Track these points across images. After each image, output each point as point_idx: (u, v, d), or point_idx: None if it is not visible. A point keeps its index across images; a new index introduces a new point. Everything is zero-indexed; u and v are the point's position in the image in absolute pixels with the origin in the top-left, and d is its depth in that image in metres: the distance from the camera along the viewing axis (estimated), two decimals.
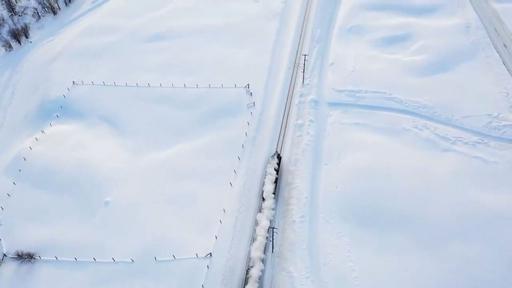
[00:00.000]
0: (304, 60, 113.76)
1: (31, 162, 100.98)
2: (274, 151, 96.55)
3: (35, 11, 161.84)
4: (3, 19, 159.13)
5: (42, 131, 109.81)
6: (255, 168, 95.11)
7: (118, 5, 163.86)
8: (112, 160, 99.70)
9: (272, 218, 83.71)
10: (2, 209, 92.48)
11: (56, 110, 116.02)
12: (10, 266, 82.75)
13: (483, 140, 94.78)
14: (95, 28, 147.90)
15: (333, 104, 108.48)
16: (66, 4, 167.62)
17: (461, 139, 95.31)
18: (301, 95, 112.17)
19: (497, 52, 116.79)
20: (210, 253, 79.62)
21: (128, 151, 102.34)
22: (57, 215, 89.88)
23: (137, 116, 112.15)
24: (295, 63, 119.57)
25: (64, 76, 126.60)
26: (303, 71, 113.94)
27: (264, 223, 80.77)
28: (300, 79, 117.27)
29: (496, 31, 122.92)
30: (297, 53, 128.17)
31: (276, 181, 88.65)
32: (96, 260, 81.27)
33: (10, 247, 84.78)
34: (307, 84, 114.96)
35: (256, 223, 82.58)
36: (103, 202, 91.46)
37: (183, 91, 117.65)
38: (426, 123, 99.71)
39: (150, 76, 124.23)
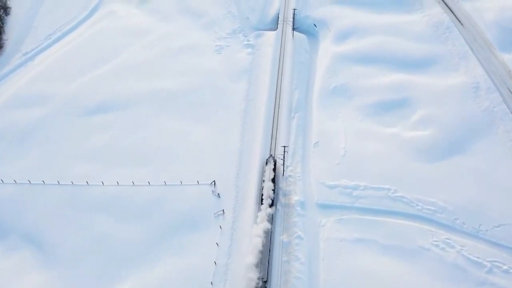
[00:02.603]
0: (284, 151, 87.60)
1: None
2: None
3: None
4: None
5: None
6: None
7: (53, 59, 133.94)
8: None
9: None
10: None
11: None
12: None
13: None
14: (22, 97, 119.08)
15: (325, 207, 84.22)
16: None
17: (497, 263, 71.65)
18: (283, 195, 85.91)
19: None
20: None
21: None
22: None
23: (72, 234, 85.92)
24: (270, 156, 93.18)
25: None
26: (283, 163, 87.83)
27: None
28: (279, 169, 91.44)
29: (511, 93, 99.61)
30: (272, 127, 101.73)
31: None
32: None
33: None
34: (289, 176, 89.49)
35: None
36: None
37: (131, 192, 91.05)
38: (448, 238, 76.16)
39: (89, 168, 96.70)
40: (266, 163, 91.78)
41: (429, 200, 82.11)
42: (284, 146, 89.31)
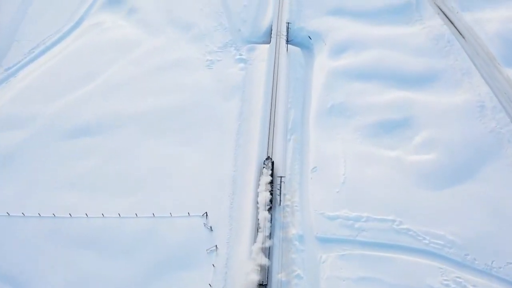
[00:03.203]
0: (280, 181, 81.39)
1: None
2: None
3: None
4: None
5: None
6: None
7: (37, 75, 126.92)
8: None
9: None
10: None
11: None
12: None
13: None
14: (3, 119, 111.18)
15: (325, 241, 78.27)
16: None
17: None
18: (280, 227, 79.64)
19: None
20: None
21: None
22: None
23: (54, 273, 79.29)
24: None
25: None
26: (279, 193, 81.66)
27: None
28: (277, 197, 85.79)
29: None
30: (268, 151, 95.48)
31: None
32: None
33: None
34: (286, 206, 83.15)
35: None
36: None
37: (117, 224, 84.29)
38: (459, 276, 70.76)
39: (72, 198, 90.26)
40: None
41: (437, 233, 76.27)
42: (281, 177, 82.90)
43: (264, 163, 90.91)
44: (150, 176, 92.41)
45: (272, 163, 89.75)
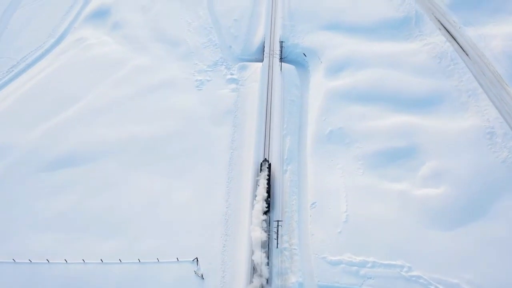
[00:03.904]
0: (278, 225, 73.76)
1: None
2: None
3: None
4: None
5: None
6: None
7: (14, 99, 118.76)
8: None
9: None
10: None
11: None
12: None
13: None
14: None
15: None
16: None
17: None
18: (278, 274, 72.06)
19: None
20: None
21: None
22: None
23: None
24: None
25: None
26: (277, 237, 74.03)
27: None
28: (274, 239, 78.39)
29: None
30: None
31: None
32: None
33: None
34: (284, 249, 75.43)
35: None
36: None
37: (100, 271, 76.73)
38: None
39: (50, 240, 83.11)
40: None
41: (450, 281, 69.60)
42: (278, 221, 75.23)
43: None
44: (135, 214, 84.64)
45: (269, 204, 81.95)
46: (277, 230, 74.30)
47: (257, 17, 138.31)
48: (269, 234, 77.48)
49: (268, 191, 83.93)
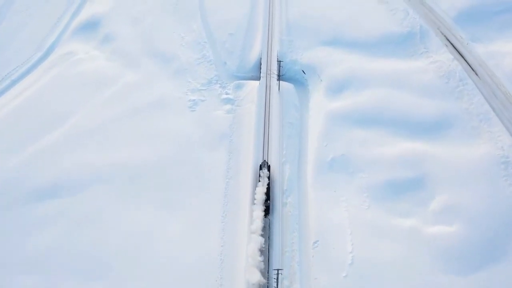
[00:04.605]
0: (278, 273, 66.59)
1: None
2: None
3: None
4: None
5: None
6: None
7: None
8: None
9: None
10: None
11: None
12: None
13: None
14: None
15: None
16: None
17: None
18: None
19: None
20: None
21: None
22: None
23: None
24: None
25: None
26: (277, 286, 66.88)
27: None
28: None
29: None
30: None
31: None
32: None
33: None
34: None
35: None
36: None
37: None
38: None
39: (27, 285, 73.42)
40: None
41: None
42: (278, 269, 67.92)
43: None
44: (121, 254, 78.06)
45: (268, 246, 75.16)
46: (277, 279, 66.88)
47: (254, 31, 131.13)
48: (268, 277, 70.33)
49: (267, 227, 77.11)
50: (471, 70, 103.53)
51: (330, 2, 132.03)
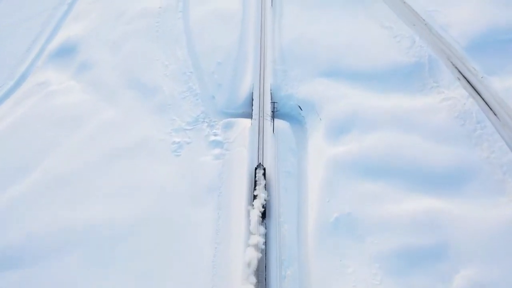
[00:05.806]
0: None
1: None
2: None
3: None
4: None
5: None
6: None
7: None
8: None
9: None
10: None
11: None
12: None
13: None
14: None
15: None
16: None
17: None
18: None
19: None
20: None
21: None
22: None
23: None
24: None
25: None
26: None
27: None
28: None
29: None
30: None
31: None
32: None
33: None
34: None
35: None
36: None
37: None
38: None
39: None
40: None
41: None
42: None
43: None
44: None
45: None
46: None
47: (244, 59, 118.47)
48: None
49: None
50: (489, 109, 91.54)
51: (327, 27, 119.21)
